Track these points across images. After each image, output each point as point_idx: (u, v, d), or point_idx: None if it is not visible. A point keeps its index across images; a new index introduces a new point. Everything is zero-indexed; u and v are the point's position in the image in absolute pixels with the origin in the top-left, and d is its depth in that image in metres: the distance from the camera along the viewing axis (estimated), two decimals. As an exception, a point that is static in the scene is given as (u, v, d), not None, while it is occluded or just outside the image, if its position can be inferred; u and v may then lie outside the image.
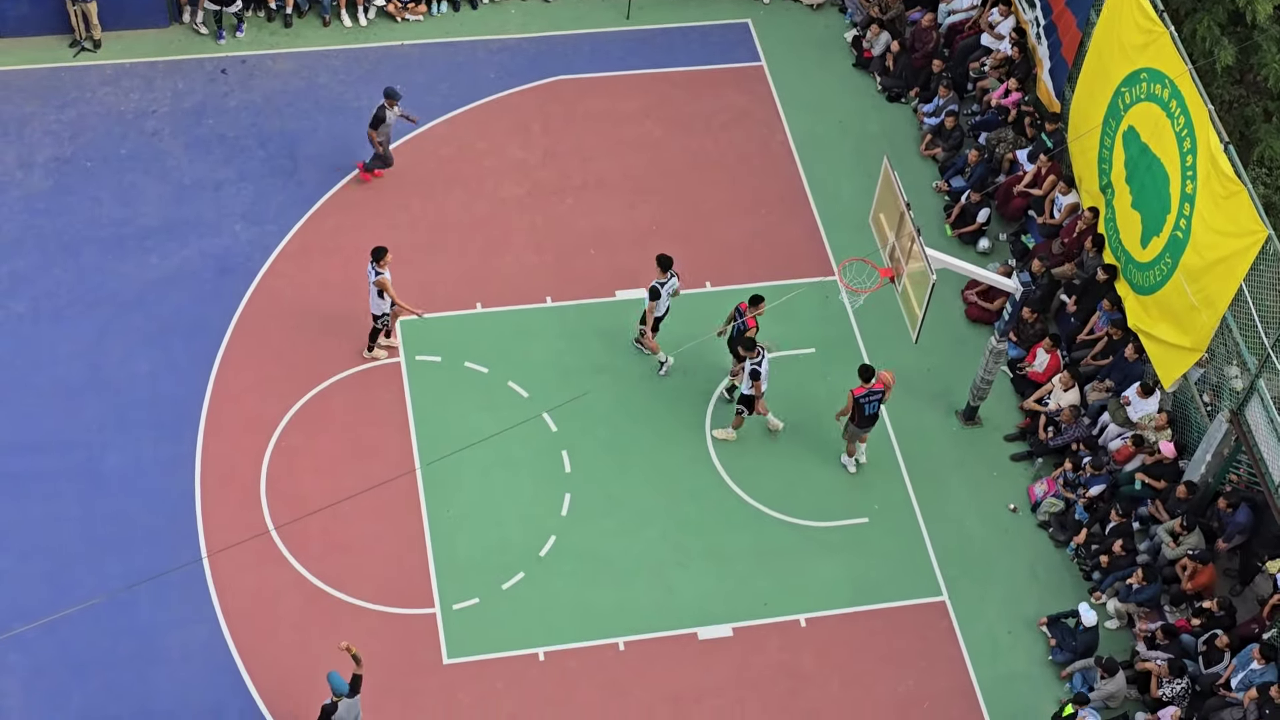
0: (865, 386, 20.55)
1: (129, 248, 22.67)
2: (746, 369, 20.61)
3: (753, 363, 20.57)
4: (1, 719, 18.20)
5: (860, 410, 20.60)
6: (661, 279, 21.16)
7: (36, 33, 25.25)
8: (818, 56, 26.62)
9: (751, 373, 20.63)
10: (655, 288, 21.12)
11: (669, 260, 21.09)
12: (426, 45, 26.03)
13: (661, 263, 21.09)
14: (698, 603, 19.96)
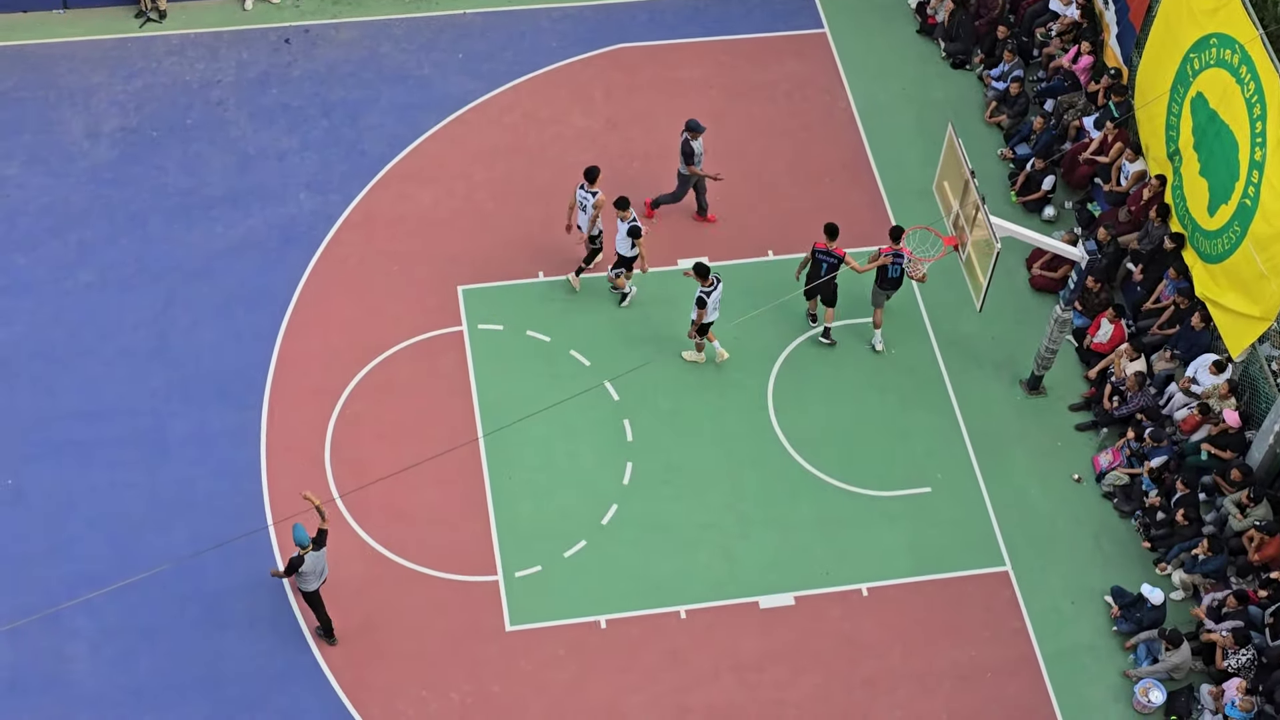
0: (893, 247, 21.09)
1: (195, 217, 22.85)
2: (696, 295, 20.83)
3: (702, 290, 20.66)
4: (71, 683, 18.49)
5: (884, 273, 21.20)
6: (706, 287, 20.74)
7: (103, 4, 25.46)
8: (881, 23, 26.41)
9: (698, 300, 20.75)
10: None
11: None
12: (489, 14, 26.03)
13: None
14: (759, 571, 19.97)
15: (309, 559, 17.99)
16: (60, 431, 20.46)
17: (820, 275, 21.31)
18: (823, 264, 21.24)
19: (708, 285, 20.69)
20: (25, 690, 18.36)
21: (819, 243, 21.23)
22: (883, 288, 21.57)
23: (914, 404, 21.62)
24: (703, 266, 20.64)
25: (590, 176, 21.50)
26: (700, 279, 20.69)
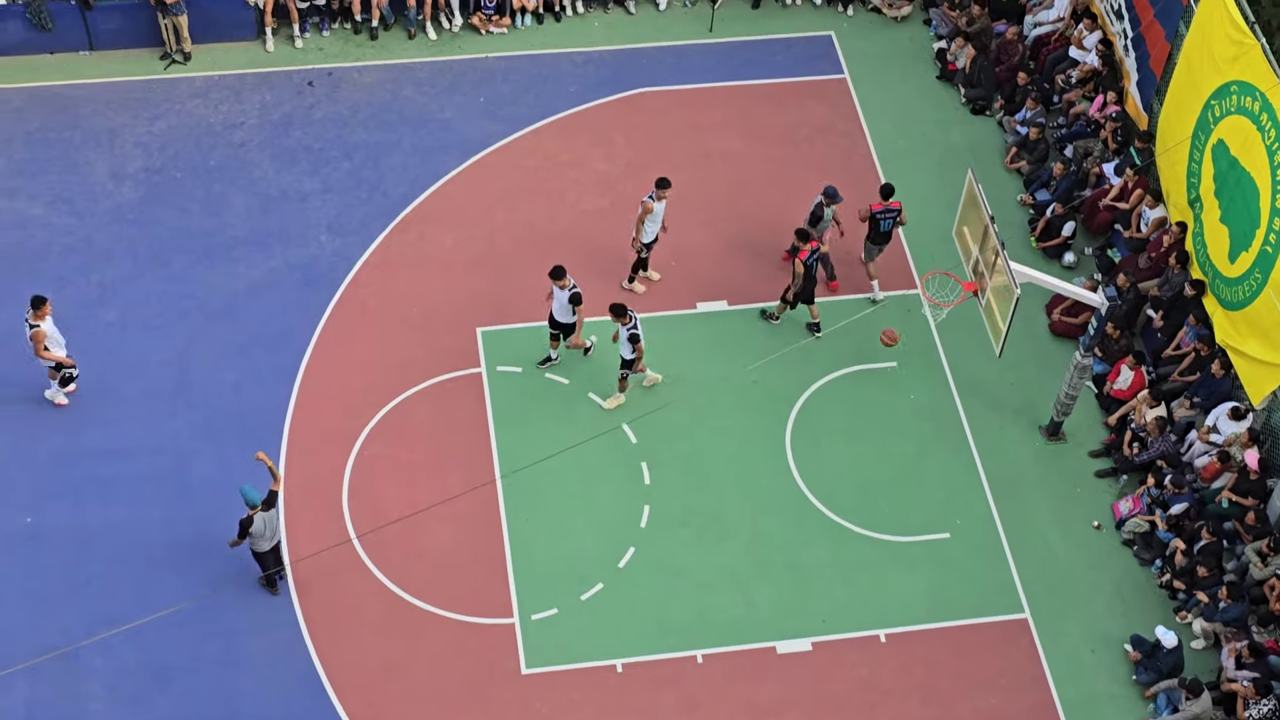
0: (883, 203, 22.05)
1: (217, 258, 22.97)
2: (623, 335, 20.71)
3: (628, 329, 20.63)
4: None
5: (876, 226, 22.21)
6: (629, 325, 20.70)
7: (129, 46, 25.69)
8: (901, 69, 26.51)
9: (630, 337, 20.68)
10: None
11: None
12: (511, 58, 26.19)
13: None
14: (776, 616, 19.89)
15: (258, 519, 18.31)
16: (81, 469, 20.52)
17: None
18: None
19: (630, 323, 20.67)
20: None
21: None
22: (875, 242, 22.53)
23: (933, 449, 21.57)
24: (619, 306, 20.61)
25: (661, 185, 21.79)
26: (619, 318, 20.64)
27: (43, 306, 20.10)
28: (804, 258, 21.66)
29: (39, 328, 20.13)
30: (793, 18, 27.25)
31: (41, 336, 20.16)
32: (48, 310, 20.20)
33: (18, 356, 21.56)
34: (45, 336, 20.20)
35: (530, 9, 26.63)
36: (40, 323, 20.15)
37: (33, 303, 20.11)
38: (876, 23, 27.29)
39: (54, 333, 20.42)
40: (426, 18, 26.24)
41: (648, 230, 22.20)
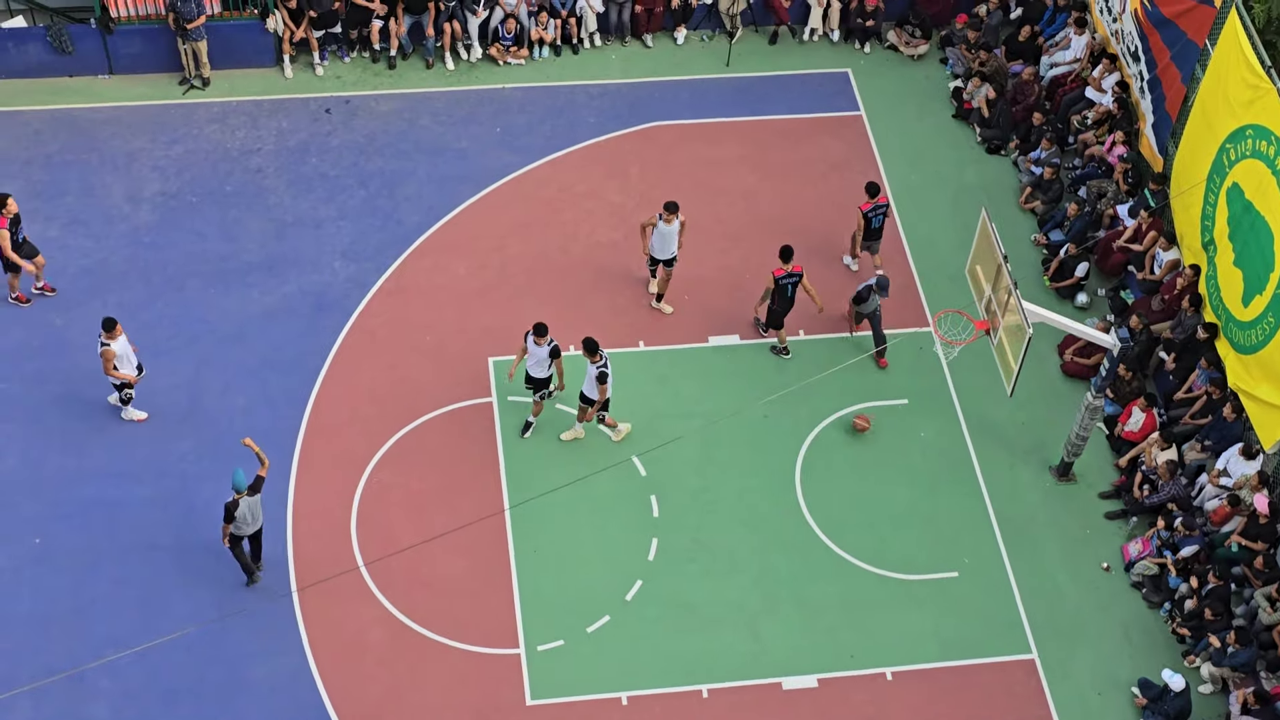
0: (871, 202, 22.81)
1: (231, 282, 23.03)
2: (592, 372, 20.56)
3: (598, 366, 20.49)
4: (91, 744, 18.48)
5: (868, 224, 23.01)
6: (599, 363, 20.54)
7: (148, 70, 25.84)
8: (917, 107, 26.58)
9: (599, 376, 20.54)
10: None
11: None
12: (528, 89, 26.30)
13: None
14: (783, 652, 19.83)
15: (243, 504, 18.64)
16: (90, 491, 20.54)
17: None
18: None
19: (600, 361, 20.51)
20: (44, 750, 18.36)
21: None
22: (869, 239, 23.28)
23: (943, 488, 21.53)
24: (591, 342, 20.50)
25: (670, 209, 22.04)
26: (591, 355, 20.51)
27: (114, 328, 20.29)
28: (778, 275, 21.85)
29: (109, 347, 20.31)
30: (809, 54, 27.34)
31: (111, 355, 20.37)
32: (119, 331, 20.40)
33: (30, 377, 21.63)
34: (114, 356, 20.40)
35: (548, 41, 26.75)
36: (111, 342, 20.31)
37: (104, 324, 20.28)
38: (893, 60, 27.37)
39: (125, 352, 20.59)
40: (445, 48, 26.36)
41: (654, 246, 22.37)
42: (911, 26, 27.38)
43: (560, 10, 26.72)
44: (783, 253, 21.96)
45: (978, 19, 27.17)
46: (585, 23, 26.93)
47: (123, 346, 20.57)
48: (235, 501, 18.58)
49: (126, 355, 20.68)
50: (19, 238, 21.85)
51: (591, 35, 27.10)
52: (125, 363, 20.68)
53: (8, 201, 21.54)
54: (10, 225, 21.62)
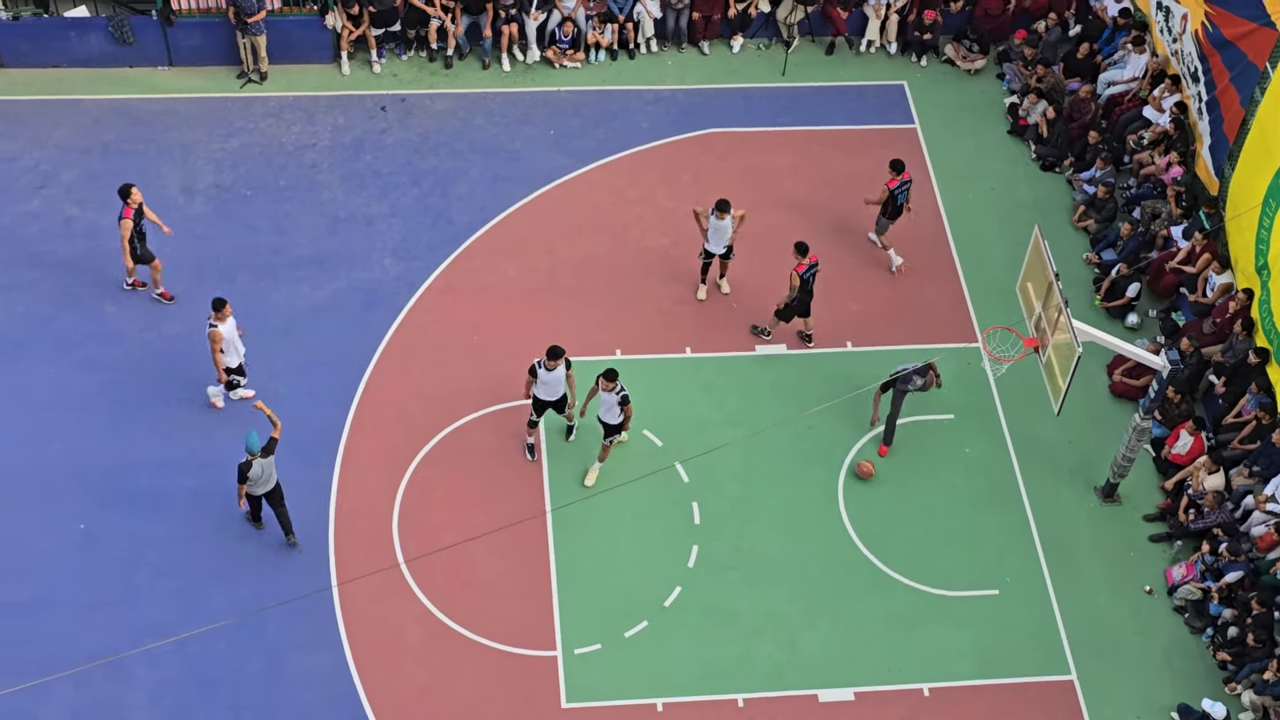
0: (898, 178, 22.87)
1: (281, 276, 23.15)
2: (613, 400, 20.34)
3: (619, 393, 20.29)
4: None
5: (893, 200, 23.00)
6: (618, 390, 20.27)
7: (207, 63, 26.03)
8: (972, 122, 26.47)
9: (622, 400, 20.36)
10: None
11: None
12: (583, 92, 26.34)
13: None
14: (821, 664, 19.77)
15: (256, 465, 18.97)
16: (135, 480, 20.68)
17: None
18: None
19: (617, 388, 20.17)
20: (82, 735, 18.50)
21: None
22: (890, 218, 23.39)
23: (986, 505, 21.42)
24: (611, 371, 20.14)
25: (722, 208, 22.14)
26: (610, 383, 20.16)
27: (223, 308, 20.39)
28: (800, 270, 21.80)
29: (216, 329, 20.43)
30: (866, 66, 27.28)
31: (218, 337, 20.46)
32: (229, 312, 20.49)
33: (79, 364, 21.81)
34: (221, 339, 20.49)
35: (604, 45, 26.79)
36: (219, 324, 20.44)
37: (214, 304, 20.39)
38: (950, 74, 27.28)
39: (232, 335, 20.69)
40: (502, 49, 26.44)
41: (709, 239, 22.50)
42: (969, 41, 27.28)
43: (618, 15, 26.75)
44: (799, 248, 21.90)
45: (1036, 35, 27.06)
46: (642, 28, 26.95)
47: (230, 330, 20.61)
48: (249, 462, 18.91)
49: (233, 340, 20.73)
50: (140, 228, 21.94)
51: (648, 41, 27.12)
52: (231, 347, 20.75)
53: (132, 191, 21.59)
54: (134, 216, 21.69)
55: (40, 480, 20.57)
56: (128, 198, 21.59)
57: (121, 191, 21.62)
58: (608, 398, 20.36)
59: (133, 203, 21.62)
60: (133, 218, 21.67)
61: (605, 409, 20.57)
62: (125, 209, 21.62)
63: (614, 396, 20.31)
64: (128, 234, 21.74)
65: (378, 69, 26.30)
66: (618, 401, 20.34)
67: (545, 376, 20.39)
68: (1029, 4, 27.37)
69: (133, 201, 21.62)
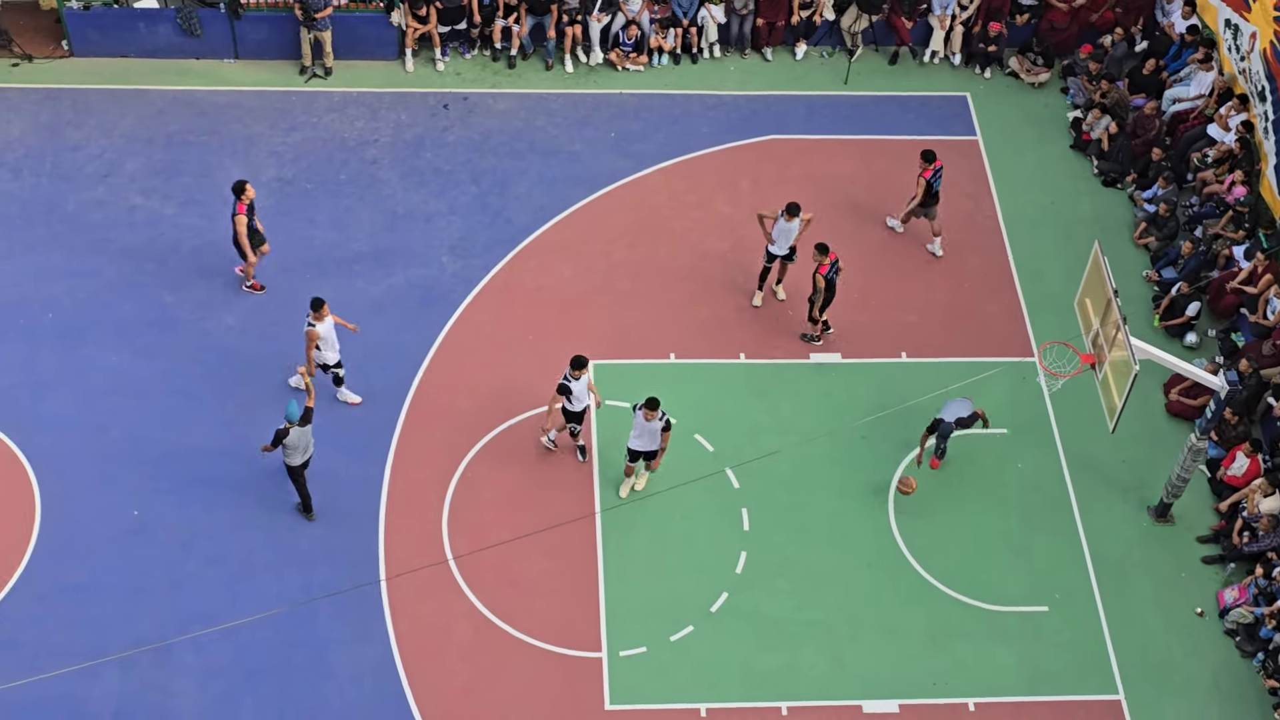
0: (931, 167, 23.13)
1: (339, 271, 23.28)
2: (655, 427, 19.98)
3: (661, 420, 19.98)
4: (177, 718, 18.70)
5: (929, 189, 23.24)
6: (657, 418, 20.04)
7: (273, 56, 26.22)
8: (1035, 135, 26.31)
9: (665, 424, 20.06)
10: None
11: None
12: (645, 95, 26.36)
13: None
14: (866, 675, 19.69)
15: (294, 434, 19.23)
16: (189, 468, 20.85)
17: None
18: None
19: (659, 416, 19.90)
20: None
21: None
22: (926, 205, 23.58)
23: (1038, 521, 21.28)
24: (654, 400, 19.86)
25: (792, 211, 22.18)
26: (652, 411, 19.81)
27: (321, 308, 20.49)
28: (824, 271, 21.85)
29: (314, 328, 20.54)
30: (929, 76, 27.18)
31: (314, 336, 20.58)
32: (326, 312, 20.59)
33: (139, 352, 22.01)
34: (317, 337, 20.61)
35: (668, 49, 26.80)
36: (317, 323, 20.55)
37: (312, 304, 20.50)
38: (1013, 87, 27.13)
39: (330, 335, 20.78)
40: (565, 50, 26.50)
41: (776, 241, 22.52)
42: (1034, 54, 27.12)
43: (682, 19, 26.76)
44: (820, 249, 21.91)
45: (1102, 49, 26.89)
46: (706, 33, 26.95)
47: (328, 329, 20.71)
48: (286, 430, 19.19)
49: (330, 338, 20.84)
50: (253, 225, 22.10)
51: (711, 46, 27.12)
52: (328, 346, 20.85)
53: (246, 187, 21.68)
54: (247, 211, 21.82)
55: (97, 465, 20.79)
56: (241, 194, 21.68)
57: (235, 188, 21.72)
58: (649, 425, 20.09)
59: (246, 198, 21.73)
60: (245, 213, 21.81)
61: (644, 437, 20.23)
62: (238, 204, 21.70)
63: (657, 424, 20.05)
64: (243, 229, 21.84)
65: (441, 67, 26.43)
66: (660, 429, 20.09)
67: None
68: (1095, 18, 27.20)
69: (246, 197, 21.72)
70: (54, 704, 18.61)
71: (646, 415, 19.86)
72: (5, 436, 21.01)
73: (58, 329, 22.24)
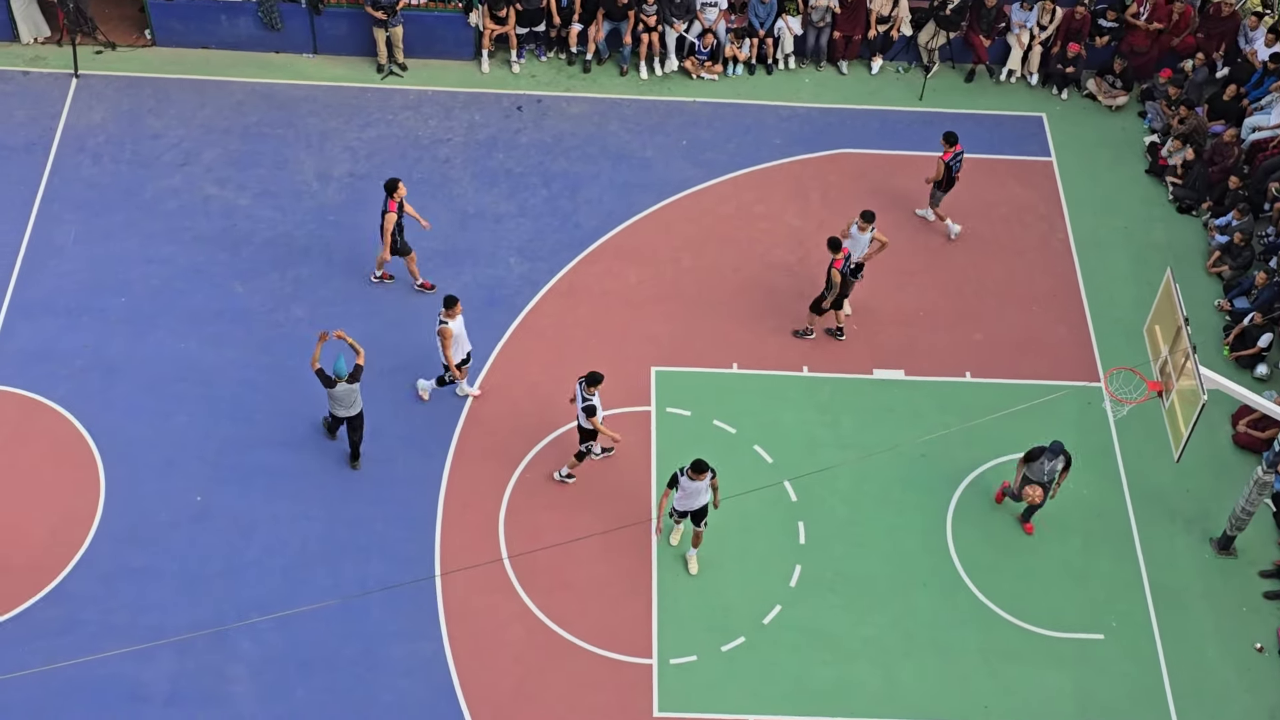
0: (952, 150, 23.32)
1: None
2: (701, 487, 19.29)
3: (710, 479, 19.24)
4: (227, 703, 18.88)
5: (948, 172, 23.45)
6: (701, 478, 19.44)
7: (351, 52, 26.44)
8: (1110, 158, 26.10)
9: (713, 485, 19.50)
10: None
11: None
12: (718, 104, 26.36)
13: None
14: (917, 695, 19.58)
15: (340, 388, 19.91)
16: (252, 457, 21.04)
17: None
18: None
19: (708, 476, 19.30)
20: (183, 703, 18.81)
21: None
22: (944, 189, 23.84)
23: (1097, 547, 21.09)
24: (701, 462, 19.16)
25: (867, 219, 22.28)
26: (698, 473, 19.01)
27: (454, 305, 20.65)
28: (839, 266, 21.89)
29: (447, 325, 20.69)
30: (1005, 95, 27.02)
31: (449, 334, 20.73)
32: (459, 310, 20.75)
33: (208, 340, 22.23)
34: (452, 335, 20.76)
35: (743, 59, 26.80)
36: (450, 321, 20.70)
37: (445, 302, 20.65)
38: (1090, 109, 26.93)
39: (461, 332, 20.95)
40: (641, 57, 26.55)
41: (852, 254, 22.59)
42: (1112, 76, 26.91)
43: (758, 30, 26.75)
44: (832, 244, 21.93)
45: (1182, 74, 26.64)
46: (782, 44, 26.93)
47: (459, 326, 20.88)
48: (334, 383, 19.79)
49: (461, 336, 21.01)
50: (401, 223, 22.26)
51: (787, 57, 27.09)
52: (460, 343, 21.03)
53: (398, 186, 21.87)
54: (398, 209, 22.02)
55: (162, 451, 21.02)
56: (394, 192, 21.88)
57: (388, 185, 21.91)
58: (696, 486, 19.29)
59: (397, 197, 21.93)
60: (396, 211, 22.01)
61: (691, 498, 19.53)
62: (389, 202, 21.90)
63: (704, 483, 19.35)
64: (391, 227, 22.04)
65: (517, 69, 26.55)
66: (708, 485, 19.43)
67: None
68: (1176, 43, 26.96)
69: (397, 196, 21.92)
70: (111, 683, 18.84)
71: (693, 476, 19.15)
72: (74, 418, 21.29)
73: (130, 314, 22.52)
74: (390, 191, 21.86)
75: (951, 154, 23.44)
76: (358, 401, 20.15)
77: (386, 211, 21.94)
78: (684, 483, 19.39)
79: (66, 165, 24.41)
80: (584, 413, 20.15)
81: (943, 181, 23.73)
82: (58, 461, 20.85)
